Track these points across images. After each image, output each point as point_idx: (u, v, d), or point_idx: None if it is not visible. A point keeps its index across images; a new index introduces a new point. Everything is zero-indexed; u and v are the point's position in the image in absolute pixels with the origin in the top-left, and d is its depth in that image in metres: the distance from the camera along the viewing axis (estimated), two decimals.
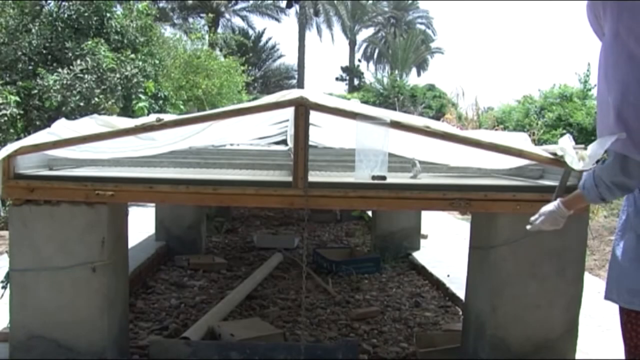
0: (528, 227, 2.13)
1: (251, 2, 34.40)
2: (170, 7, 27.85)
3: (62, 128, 2.72)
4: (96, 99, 8.34)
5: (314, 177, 2.62)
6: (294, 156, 2.49)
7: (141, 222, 6.06)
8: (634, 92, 1.67)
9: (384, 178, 2.56)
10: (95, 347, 2.52)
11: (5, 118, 7.45)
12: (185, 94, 12.08)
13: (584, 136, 13.51)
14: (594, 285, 4.51)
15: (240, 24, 34.16)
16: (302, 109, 2.44)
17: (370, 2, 40.04)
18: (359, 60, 40.52)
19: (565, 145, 2.33)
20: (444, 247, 5.91)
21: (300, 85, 33.76)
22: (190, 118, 2.73)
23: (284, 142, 5.52)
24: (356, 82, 36.88)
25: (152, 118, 2.81)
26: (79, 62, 8.50)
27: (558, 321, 2.56)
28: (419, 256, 5.34)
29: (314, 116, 2.58)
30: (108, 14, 9.45)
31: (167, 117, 2.87)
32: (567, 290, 2.56)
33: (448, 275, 4.55)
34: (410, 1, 41.15)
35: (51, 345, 2.50)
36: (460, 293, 3.71)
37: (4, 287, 2.84)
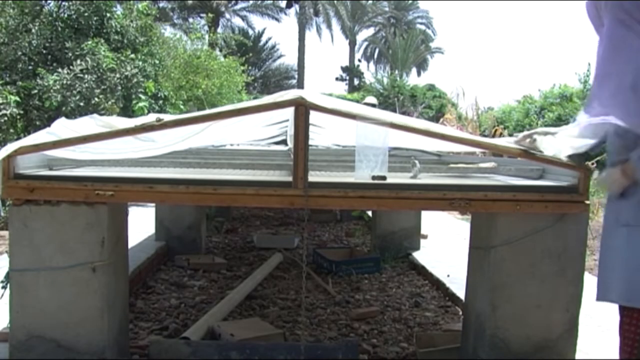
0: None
1: (251, 2, 34.47)
2: (170, 7, 27.90)
3: (61, 128, 2.72)
4: (96, 99, 8.34)
5: (314, 177, 2.62)
6: (294, 156, 2.48)
7: (141, 222, 6.07)
8: None
9: (384, 178, 2.56)
10: (95, 347, 2.52)
11: (5, 118, 7.45)
12: (185, 94, 12.08)
13: None
14: (594, 285, 4.51)
15: (240, 24, 34.25)
16: (302, 109, 2.43)
17: (370, 2, 40.05)
18: (359, 60, 40.59)
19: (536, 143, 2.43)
20: (444, 247, 5.91)
21: (300, 85, 33.79)
22: (190, 118, 2.73)
23: (284, 142, 5.52)
24: (356, 82, 36.92)
25: (152, 118, 2.81)
26: (79, 62, 8.50)
27: (558, 321, 2.56)
28: (419, 256, 5.33)
29: (314, 116, 2.58)
30: (108, 14, 9.44)
31: (167, 117, 2.86)
32: (567, 290, 2.56)
33: (448, 275, 4.55)
34: (410, 1, 41.18)
35: (51, 345, 2.50)
36: (460, 293, 3.71)
37: (4, 287, 2.84)
